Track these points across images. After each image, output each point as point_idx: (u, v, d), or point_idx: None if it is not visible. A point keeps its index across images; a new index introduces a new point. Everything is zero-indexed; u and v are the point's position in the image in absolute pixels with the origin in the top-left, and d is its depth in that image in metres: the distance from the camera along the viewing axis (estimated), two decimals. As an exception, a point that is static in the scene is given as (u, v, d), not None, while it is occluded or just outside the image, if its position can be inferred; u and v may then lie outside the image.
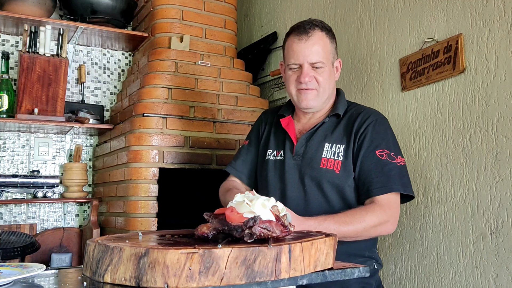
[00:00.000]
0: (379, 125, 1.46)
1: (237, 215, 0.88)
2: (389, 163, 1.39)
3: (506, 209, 1.51)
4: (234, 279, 0.79)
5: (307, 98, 1.47)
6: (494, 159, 1.55)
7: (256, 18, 3.11)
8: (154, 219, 2.12)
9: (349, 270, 0.95)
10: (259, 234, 0.85)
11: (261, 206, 0.90)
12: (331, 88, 1.52)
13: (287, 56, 1.50)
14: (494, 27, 1.58)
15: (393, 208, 1.39)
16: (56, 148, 2.66)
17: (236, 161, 1.69)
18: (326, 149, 1.45)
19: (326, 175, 1.43)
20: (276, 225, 0.88)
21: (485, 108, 1.60)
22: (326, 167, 1.43)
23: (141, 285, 0.78)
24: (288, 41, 1.50)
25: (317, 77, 1.45)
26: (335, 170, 1.42)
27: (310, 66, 1.45)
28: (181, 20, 2.52)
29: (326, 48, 1.46)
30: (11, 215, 2.51)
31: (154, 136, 2.17)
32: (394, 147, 1.44)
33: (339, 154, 1.43)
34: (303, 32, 1.46)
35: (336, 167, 1.42)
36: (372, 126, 1.45)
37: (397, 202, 1.41)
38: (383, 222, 1.35)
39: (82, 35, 2.61)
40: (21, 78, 2.29)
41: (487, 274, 1.56)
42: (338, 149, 1.44)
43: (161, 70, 2.37)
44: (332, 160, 1.43)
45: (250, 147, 1.68)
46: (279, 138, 1.58)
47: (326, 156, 1.44)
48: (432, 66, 1.79)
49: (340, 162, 1.42)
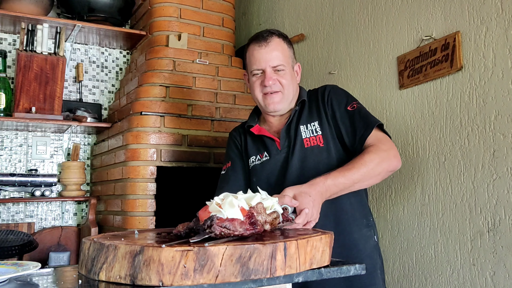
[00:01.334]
0: (336, 89, 1.59)
1: (207, 214, 0.88)
2: (359, 110, 1.50)
3: (503, 206, 1.51)
4: (229, 277, 0.78)
5: (273, 101, 1.54)
6: (492, 156, 1.55)
7: (254, 16, 3.10)
8: (152, 218, 2.12)
9: (345, 268, 0.94)
10: (219, 233, 0.85)
11: (228, 205, 0.90)
12: (295, 90, 1.59)
13: (249, 64, 1.58)
14: (492, 24, 1.58)
15: (384, 140, 1.44)
16: (54, 147, 2.66)
17: (226, 186, 1.60)
18: (303, 131, 1.54)
19: (312, 152, 1.51)
20: (240, 223, 0.88)
21: (482, 106, 1.59)
22: (310, 145, 1.51)
23: (136, 283, 0.78)
24: (249, 50, 1.57)
25: (280, 79, 1.52)
26: (319, 144, 1.51)
27: (272, 70, 1.53)
28: (179, 18, 2.52)
29: (285, 52, 1.56)
30: (9, 213, 2.51)
31: (152, 134, 2.17)
32: (351, 96, 1.57)
33: (316, 130, 1.53)
34: (262, 39, 1.54)
35: (319, 141, 1.51)
36: (333, 92, 1.57)
37: (385, 136, 1.47)
38: (384, 157, 1.39)
39: (79, 34, 2.61)
40: (19, 76, 2.29)
41: (484, 271, 1.56)
42: (313, 126, 1.53)
43: (159, 69, 2.36)
44: (313, 137, 1.52)
45: (235, 165, 1.65)
46: (257, 144, 1.62)
47: (306, 136, 1.53)
48: (429, 63, 1.78)
49: (320, 136, 1.51)
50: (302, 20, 2.61)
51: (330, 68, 2.33)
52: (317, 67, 2.43)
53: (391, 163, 1.41)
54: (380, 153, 1.38)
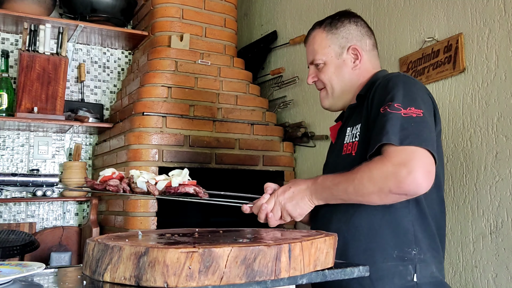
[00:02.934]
0: (388, 82, 1.20)
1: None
2: (388, 113, 1.11)
3: (506, 208, 1.51)
4: (234, 278, 0.78)
5: (321, 98, 1.42)
6: (494, 158, 1.55)
7: (256, 17, 3.10)
8: (154, 218, 2.12)
9: (349, 270, 0.94)
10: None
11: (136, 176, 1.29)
12: (345, 82, 1.35)
13: None
14: (495, 26, 1.58)
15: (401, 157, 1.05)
16: (56, 147, 2.66)
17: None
18: (348, 134, 1.31)
19: (344, 161, 1.27)
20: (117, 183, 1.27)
21: (485, 108, 1.59)
22: (346, 152, 1.28)
23: (140, 284, 0.78)
24: None
25: (319, 76, 1.38)
26: (352, 153, 1.25)
27: (313, 67, 1.40)
28: (181, 18, 2.52)
29: (322, 43, 1.37)
30: (10, 213, 2.51)
31: (154, 135, 2.17)
32: (405, 98, 1.13)
33: (356, 134, 1.27)
34: (306, 36, 1.46)
35: (353, 149, 1.25)
36: (381, 87, 1.21)
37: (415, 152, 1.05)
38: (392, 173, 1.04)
39: (81, 34, 2.61)
40: (21, 76, 2.29)
41: (486, 273, 1.56)
42: (356, 130, 1.27)
43: (161, 69, 2.36)
44: (351, 143, 1.28)
45: None
46: None
47: (346, 141, 1.30)
48: (432, 65, 1.79)
49: (356, 143, 1.25)
50: (304, 21, 2.61)
51: (332, 69, 2.33)
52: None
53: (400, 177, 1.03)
54: (381, 168, 1.06)
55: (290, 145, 2.54)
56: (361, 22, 1.40)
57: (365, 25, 1.41)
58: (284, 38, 2.78)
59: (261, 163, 2.43)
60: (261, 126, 2.49)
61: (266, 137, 2.50)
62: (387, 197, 1.09)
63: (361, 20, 1.41)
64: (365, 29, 1.39)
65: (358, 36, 1.37)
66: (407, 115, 1.09)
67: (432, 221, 1.18)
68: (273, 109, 2.72)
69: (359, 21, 1.40)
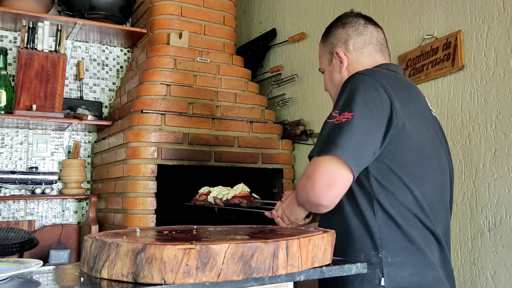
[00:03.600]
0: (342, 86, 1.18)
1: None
2: (325, 123, 1.12)
3: (504, 206, 1.51)
4: (231, 275, 0.78)
5: None
6: (493, 156, 1.55)
7: (255, 14, 3.10)
8: (153, 216, 2.12)
9: (347, 267, 0.94)
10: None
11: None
12: (336, 86, 1.34)
13: None
14: (494, 24, 1.57)
15: (310, 169, 1.09)
16: (55, 145, 2.66)
17: None
18: None
19: None
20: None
21: (484, 105, 1.59)
22: None
23: (138, 281, 0.78)
24: None
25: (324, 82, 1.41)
26: None
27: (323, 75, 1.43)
28: (180, 16, 2.52)
29: (320, 53, 1.41)
30: (9, 211, 2.51)
31: (153, 132, 2.17)
32: (344, 103, 1.11)
33: None
34: None
35: None
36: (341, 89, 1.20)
37: (321, 164, 1.06)
38: (302, 185, 1.11)
39: (80, 31, 2.60)
40: (19, 74, 2.29)
41: (485, 271, 1.56)
42: None
43: (160, 67, 2.36)
44: None
45: None
46: None
47: None
48: (431, 62, 1.78)
49: None
50: (303, 19, 2.60)
51: (331, 67, 2.33)
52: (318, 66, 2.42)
53: (306, 192, 1.08)
54: (302, 181, 1.10)
55: (289, 143, 2.54)
56: (351, 22, 1.34)
57: (356, 23, 1.34)
58: (283, 35, 2.78)
59: (260, 161, 2.42)
60: (260, 124, 2.49)
61: (265, 135, 2.49)
62: (311, 208, 1.14)
63: (352, 18, 1.35)
64: (353, 28, 1.33)
65: (343, 38, 1.33)
66: (338, 122, 1.08)
67: (403, 223, 1.11)
68: (272, 107, 2.72)
69: (349, 21, 1.35)
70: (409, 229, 1.11)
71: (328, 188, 1.05)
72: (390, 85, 1.13)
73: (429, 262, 1.12)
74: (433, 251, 1.15)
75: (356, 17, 1.35)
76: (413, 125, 1.12)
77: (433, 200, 1.16)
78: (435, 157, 1.18)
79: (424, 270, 1.12)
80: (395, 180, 1.10)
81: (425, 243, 1.13)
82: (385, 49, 1.34)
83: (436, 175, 1.18)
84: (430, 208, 1.14)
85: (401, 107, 1.11)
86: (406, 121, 1.10)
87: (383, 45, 1.34)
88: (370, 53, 1.32)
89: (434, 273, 1.13)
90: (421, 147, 1.14)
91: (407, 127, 1.10)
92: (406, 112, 1.12)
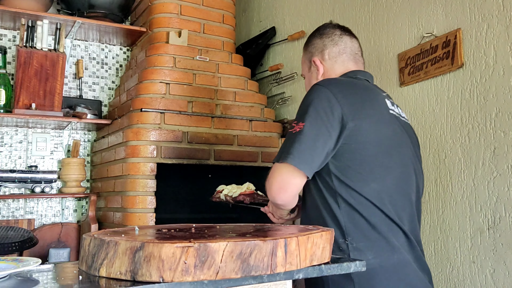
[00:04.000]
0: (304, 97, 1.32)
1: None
2: (287, 133, 1.28)
3: (503, 204, 1.51)
4: (229, 273, 0.78)
5: None
6: (492, 154, 1.55)
7: (255, 13, 3.09)
8: (152, 214, 2.12)
9: (346, 265, 0.94)
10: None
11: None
12: None
13: None
14: (493, 22, 1.57)
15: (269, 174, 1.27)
16: (54, 143, 2.66)
17: None
18: None
19: None
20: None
21: (483, 103, 1.59)
22: None
23: (136, 279, 0.78)
24: None
25: None
26: None
27: None
28: (179, 14, 2.51)
29: (302, 59, 1.55)
30: (9, 210, 2.51)
31: (152, 131, 2.17)
32: (299, 114, 1.28)
33: None
34: None
35: None
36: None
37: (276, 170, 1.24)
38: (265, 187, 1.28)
39: (79, 30, 2.60)
40: (19, 72, 2.28)
41: (484, 269, 1.56)
42: None
43: (159, 65, 2.36)
44: None
45: None
46: None
47: None
48: (430, 61, 1.78)
49: None
50: (302, 17, 2.60)
51: (331, 65, 2.32)
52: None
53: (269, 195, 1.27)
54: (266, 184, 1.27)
55: (288, 141, 2.54)
56: (328, 33, 1.48)
57: (332, 34, 1.47)
58: (282, 34, 2.78)
59: (259, 159, 2.42)
60: (260, 123, 2.49)
61: (264, 133, 2.49)
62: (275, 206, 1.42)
63: (330, 29, 1.48)
64: (329, 38, 1.46)
65: (320, 48, 1.47)
66: (294, 132, 1.23)
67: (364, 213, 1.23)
68: (271, 106, 2.72)
69: (326, 32, 1.48)
70: (370, 218, 1.23)
71: (280, 191, 1.23)
72: (342, 93, 1.26)
73: (391, 246, 1.23)
74: (396, 236, 1.24)
75: (333, 28, 1.48)
76: (369, 124, 1.24)
77: (394, 192, 1.26)
78: (395, 152, 1.28)
79: (387, 253, 1.22)
80: (354, 176, 1.23)
81: (387, 229, 1.23)
82: (358, 58, 1.48)
83: (397, 168, 1.28)
84: (391, 199, 1.25)
85: (354, 111, 1.23)
86: (361, 122, 1.23)
87: (357, 54, 1.48)
88: (343, 62, 1.45)
89: (398, 255, 1.22)
90: (378, 144, 1.25)
91: (362, 128, 1.23)
92: (360, 115, 1.24)
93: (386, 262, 1.21)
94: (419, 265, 1.27)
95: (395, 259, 1.22)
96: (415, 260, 1.26)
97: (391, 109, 1.35)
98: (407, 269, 1.23)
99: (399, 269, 1.22)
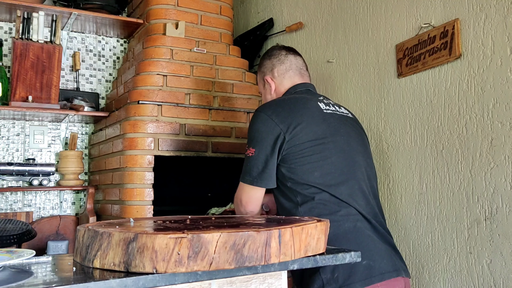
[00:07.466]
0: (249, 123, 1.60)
1: None
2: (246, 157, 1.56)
3: (500, 195, 1.51)
4: (223, 264, 0.78)
5: None
6: (489, 145, 1.55)
7: (253, 4, 3.07)
8: (150, 207, 2.12)
9: (341, 255, 0.94)
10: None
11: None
12: None
13: None
14: (491, 12, 1.56)
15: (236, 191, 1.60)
16: (52, 136, 2.65)
17: None
18: None
19: None
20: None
21: (480, 94, 1.59)
22: None
23: (130, 270, 0.78)
24: None
25: None
26: None
27: None
28: (176, 6, 2.49)
29: (257, 79, 1.85)
30: (7, 203, 2.51)
31: (149, 123, 2.16)
32: (248, 139, 1.56)
33: None
34: None
35: None
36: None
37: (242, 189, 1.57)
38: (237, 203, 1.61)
39: (76, 22, 2.58)
40: (15, 65, 2.27)
41: (481, 259, 1.56)
42: None
43: (156, 57, 2.35)
44: None
45: None
46: None
47: None
48: (428, 51, 1.77)
49: None
50: (300, 8, 2.58)
51: (329, 57, 2.31)
52: (316, 55, 2.41)
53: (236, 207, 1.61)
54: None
55: (286, 133, 2.54)
56: (275, 54, 1.76)
57: (279, 54, 1.76)
58: (280, 25, 2.76)
59: (257, 152, 2.42)
60: (258, 114, 2.48)
61: (262, 125, 2.48)
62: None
63: (276, 50, 1.77)
64: (277, 58, 1.75)
65: (270, 67, 1.76)
66: (249, 155, 1.52)
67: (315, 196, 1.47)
68: (269, 97, 2.70)
69: (273, 53, 1.77)
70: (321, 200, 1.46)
71: (246, 205, 1.56)
72: (276, 113, 1.52)
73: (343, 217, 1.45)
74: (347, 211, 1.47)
75: (279, 50, 1.78)
76: (301, 129, 1.48)
77: (336, 174, 1.49)
78: (329, 142, 1.51)
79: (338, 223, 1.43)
80: (300, 171, 1.47)
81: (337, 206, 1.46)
82: (304, 72, 1.76)
83: (334, 154, 1.51)
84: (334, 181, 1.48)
85: (287, 125, 1.48)
86: (295, 130, 1.47)
87: (302, 69, 1.76)
88: (290, 77, 1.73)
89: (349, 224, 1.44)
90: (312, 140, 1.48)
91: (296, 134, 1.47)
92: (292, 125, 1.48)
93: (337, 230, 1.42)
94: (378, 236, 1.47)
95: (345, 227, 1.44)
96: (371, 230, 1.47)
97: (326, 109, 1.58)
98: (359, 234, 1.43)
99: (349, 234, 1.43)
